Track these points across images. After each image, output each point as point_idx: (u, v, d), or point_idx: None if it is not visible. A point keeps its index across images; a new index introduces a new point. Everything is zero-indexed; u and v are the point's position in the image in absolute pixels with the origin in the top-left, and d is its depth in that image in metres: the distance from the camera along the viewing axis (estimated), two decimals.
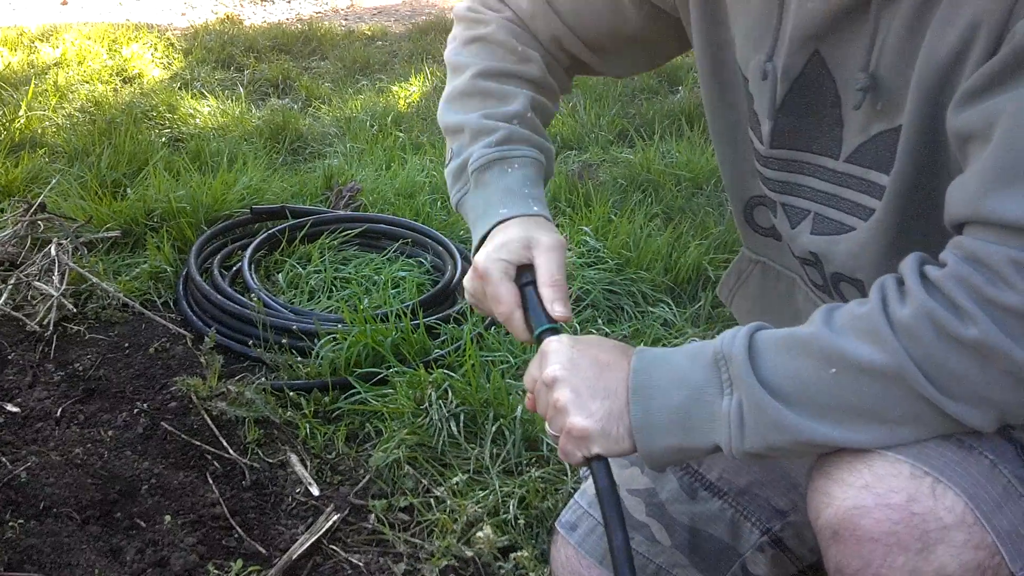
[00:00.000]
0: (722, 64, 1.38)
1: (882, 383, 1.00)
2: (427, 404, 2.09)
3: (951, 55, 1.05)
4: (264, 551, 1.77)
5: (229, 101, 4.75)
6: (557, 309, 1.32)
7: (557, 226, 3.09)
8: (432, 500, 1.89)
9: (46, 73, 5.00)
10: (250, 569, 1.70)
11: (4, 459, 1.90)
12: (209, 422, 2.11)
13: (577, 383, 1.18)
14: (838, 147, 1.24)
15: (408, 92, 5.15)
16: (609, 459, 1.22)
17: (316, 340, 2.39)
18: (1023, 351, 0.93)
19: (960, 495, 1.03)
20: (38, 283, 2.59)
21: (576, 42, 1.53)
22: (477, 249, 1.42)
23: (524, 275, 1.36)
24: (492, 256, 1.36)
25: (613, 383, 1.17)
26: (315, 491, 1.93)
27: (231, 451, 2.03)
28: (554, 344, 1.24)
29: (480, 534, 1.74)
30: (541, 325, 1.30)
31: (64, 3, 7.73)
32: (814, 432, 1.04)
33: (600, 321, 2.59)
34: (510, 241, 1.36)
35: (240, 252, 2.94)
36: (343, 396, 2.23)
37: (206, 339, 2.28)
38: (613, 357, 1.19)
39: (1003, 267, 0.93)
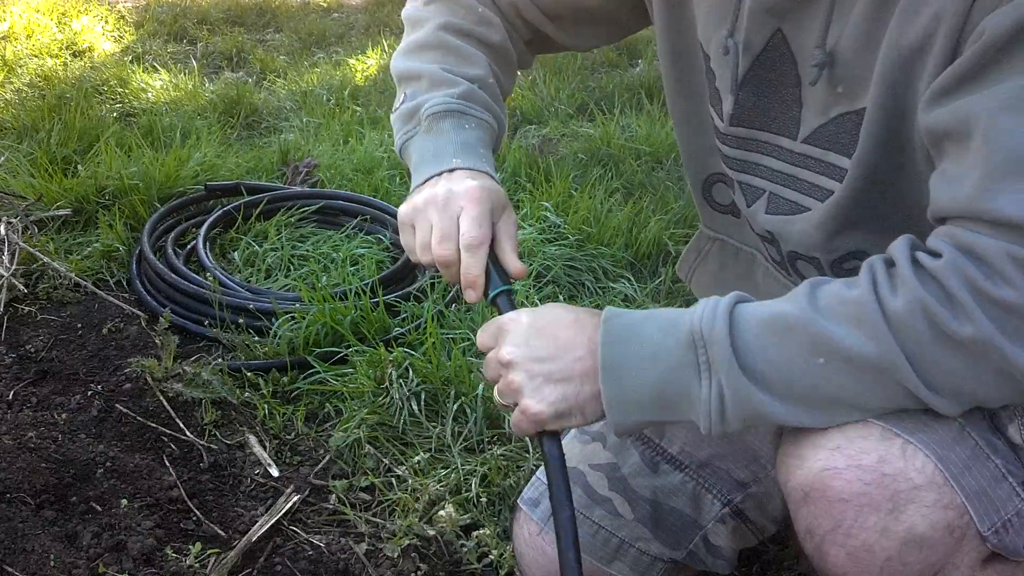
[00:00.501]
0: (683, 44, 1.38)
1: (870, 375, 1.00)
2: (387, 383, 2.07)
3: (915, 45, 1.05)
4: (223, 533, 1.75)
5: (182, 75, 4.67)
6: (519, 265, 1.32)
7: (516, 202, 3.10)
8: (393, 479, 1.88)
9: None
10: (209, 552, 1.68)
11: None
12: (165, 404, 2.08)
13: (532, 367, 1.17)
14: (796, 127, 1.24)
15: (365, 65, 5.09)
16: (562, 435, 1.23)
17: (273, 319, 2.36)
18: (1017, 348, 0.92)
19: (930, 456, 1.04)
20: None
21: (534, 10, 1.51)
22: (418, 187, 1.37)
23: None
24: (491, 190, 1.33)
25: (569, 364, 1.16)
26: (274, 472, 1.91)
27: (188, 433, 2.01)
28: (512, 323, 1.22)
29: (442, 513, 1.74)
30: (495, 287, 1.29)
31: None
32: (795, 418, 1.05)
33: (561, 297, 2.58)
34: (499, 191, 1.35)
35: (194, 230, 2.88)
36: (302, 376, 2.21)
37: (161, 319, 2.25)
38: (572, 333, 1.17)
39: (1001, 262, 0.92)
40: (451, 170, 1.35)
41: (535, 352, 1.18)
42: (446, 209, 1.30)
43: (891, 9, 1.08)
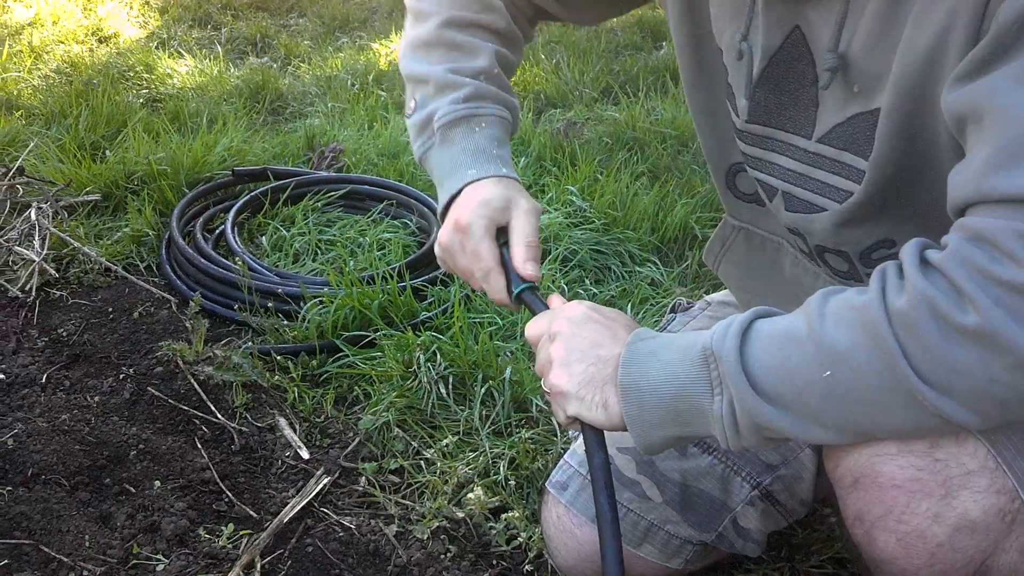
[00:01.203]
0: (701, 33, 1.37)
1: (878, 385, 0.96)
2: (415, 367, 2.09)
3: (931, 44, 1.03)
4: (255, 515, 1.77)
5: (207, 60, 4.68)
6: (529, 268, 1.35)
7: (543, 186, 3.10)
8: (422, 462, 1.90)
9: (20, 34, 4.90)
10: (241, 533, 1.70)
11: None
12: (196, 387, 2.10)
13: (573, 343, 1.19)
14: (811, 127, 1.23)
15: (389, 50, 5.09)
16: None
17: (302, 303, 2.38)
18: None
19: (982, 440, 1.03)
20: (19, 248, 2.56)
21: None
22: (445, 207, 1.43)
23: (501, 235, 1.39)
24: (476, 212, 1.36)
25: (606, 354, 1.17)
26: (305, 454, 1.93)
27: (219, 416, 2.03)
28: (574, 304, 1.25)
29: (471, 495, 1.75)
30: (519, 285, 1.34)
31: None
32: (808, 434, 1.03)
33: (588, 281, 2.58)
34: (491, 199, 1.37)
35: (223, 215, 2.90)
36: (331, 359, 2.22)
37: (191, 303, 2.27)
38: (621, 333, 1.19)
39: (1008, 240, 0.87)
40: (469, 183, 1.39)
41: (582, 330, 1.19)
42: (462, 252, 1.38)
43: (905, 10, 1.06)
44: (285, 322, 2.36)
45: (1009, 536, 1.03)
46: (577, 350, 1.18)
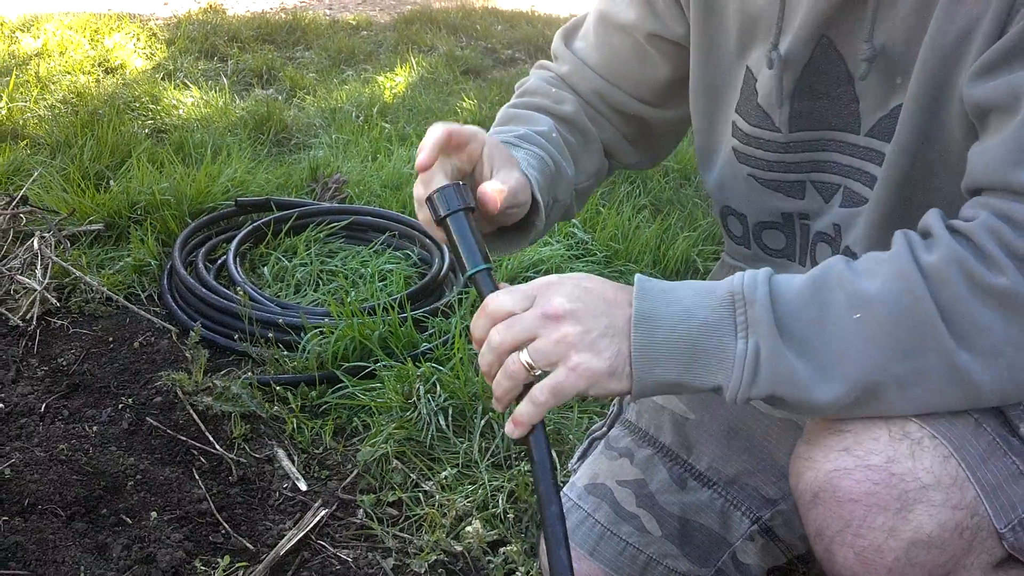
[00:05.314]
0: (716, 77, 1.40)
1: (905, 326, 0.99)
2: (415, 398, 2.08)
3: (961, 31, 1.08)
4: (251, 547, 1.76)
5: (212, 92, 4.71)
6: (495, 186, 1.19)
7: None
8: (421, 495, 1.88)
9: (27, 64, 4.94)
10: (237, 565, 1.69)
11: None
12: (195, 417, 2.10)
13: (589, 322, 1.08)
14: (857, 122, 1.28)
15: (394, 83, 5.13)
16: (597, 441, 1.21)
17: (303, 334, 2.38)
18: None
19: (940, 446, 1.04)
20: (21, 277, 2.56)
21: (617, 92, 1.52)
22: None
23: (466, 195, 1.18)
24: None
25: (619, 321, 1.09)
26: (302, 486, 1.92)
27: (217, 446, 2.02)
28: (553, 282, 1.13)
29: (469, 528, 1.74)
30: (476, 265, 1.16)
31: None
32: (815, 390, 1.02)
33: None
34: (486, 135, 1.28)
35: (225, 245, 2.91)
36: (330, 390, 2.22)
37: (191, 333, 2.27)
38: (617, 295, 1.11)
39: None
40: None
41: (590, 307, 1.09)
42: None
43: (937, 1, 1.11)
44: (285, 352, 2.35)
45: (969, 554, 1.04)
46: (594, 329, 1.08)
